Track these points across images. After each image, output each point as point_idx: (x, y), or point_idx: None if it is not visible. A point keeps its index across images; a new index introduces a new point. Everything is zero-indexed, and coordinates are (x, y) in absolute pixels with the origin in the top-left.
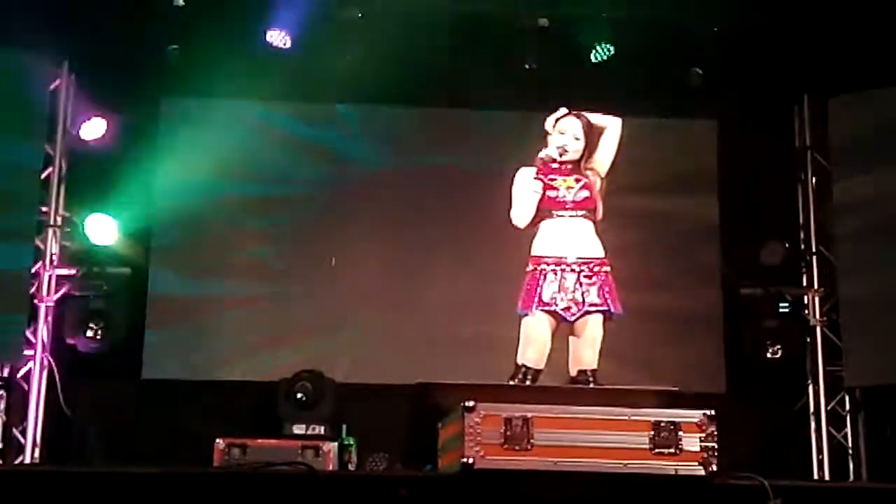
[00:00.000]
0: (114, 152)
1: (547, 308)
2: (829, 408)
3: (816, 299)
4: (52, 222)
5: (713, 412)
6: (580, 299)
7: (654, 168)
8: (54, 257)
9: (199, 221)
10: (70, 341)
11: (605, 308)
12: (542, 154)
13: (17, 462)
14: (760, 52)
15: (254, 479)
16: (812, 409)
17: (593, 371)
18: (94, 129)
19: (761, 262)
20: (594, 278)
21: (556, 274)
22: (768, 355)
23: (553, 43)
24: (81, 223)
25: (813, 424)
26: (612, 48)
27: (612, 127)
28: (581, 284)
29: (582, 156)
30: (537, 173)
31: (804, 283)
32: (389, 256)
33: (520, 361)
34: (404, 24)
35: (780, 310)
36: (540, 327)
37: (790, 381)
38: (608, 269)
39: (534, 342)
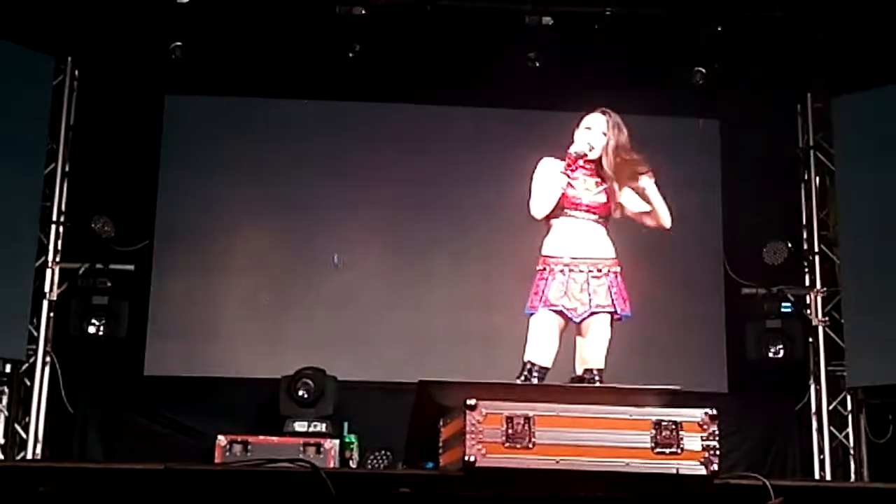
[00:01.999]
0: (117, 148)
1: (553, 308)
2: (830, 407)
3: (819, 299)
4: (55, 218)
5: (715, 411)
6: (587, 300)
7: (656, 167)
8: (58, 253)
9: (203, 218)
10: (72, 337)
11: (612, 309)
12: (571, 150)
13: (19, 457)
14: (763, 51)
15: (255, 476)
16: (814, 408)
17: (599, 371)
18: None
19: (764, 261)
20: (602, 279)
21: (563, 274)
22: (770, 355)
23: (557, 40)
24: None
25: (814, 424)
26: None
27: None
28: (588, 285)
29: (605, 152)
30: (565, 168)
31: (807, 283)
32: (391, 254)
33: (526, 359)
34: (407, 21)
35: (783, 309)
36: (546, 325)
37: (792, 381)
38: (618, 269)
39: (540, 340)
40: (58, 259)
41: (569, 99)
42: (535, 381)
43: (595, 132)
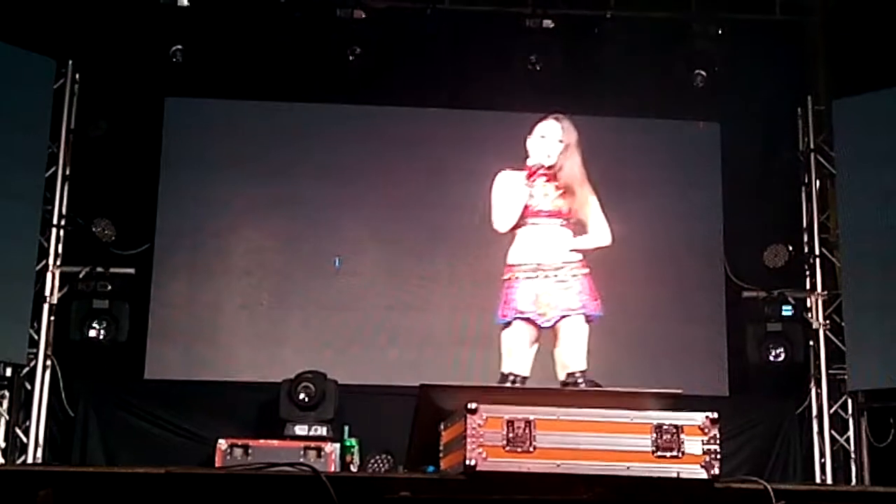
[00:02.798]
0: (117, 151)
1: (521, 316)
2: (831, 411)
3: (819, 302)
4: (55, 221)
5: (716, 415)
6: (555, 305)
7: (657, 170)
8: (58, 256)
9: (203, 221)
10: (73, 340)
11: (583, 311)
12: (529, 163)
13: (19, 461)
14: (763, 54)
15: (256, 480)
16: (815, 412)
17: (582, 372)
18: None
19: (765, 264)
20: (570, 282)
21: (530, 281)
22: (771, 358)
23: (558, 43)
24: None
25: (815, 427)
26: None
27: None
28: (556, 289)
29: (562, 163)
30: (526, 179)
31: (807, 286)
32: (392, 256)
33: (505, 371)
34: (407, 24)
35: (783, 313)
36: (518, 335)
37: (793, 384)
38: (586, 271)
39: (515, 350)
40: (58, 262)
41: (569, 102)
42: None
43: (550, 140)
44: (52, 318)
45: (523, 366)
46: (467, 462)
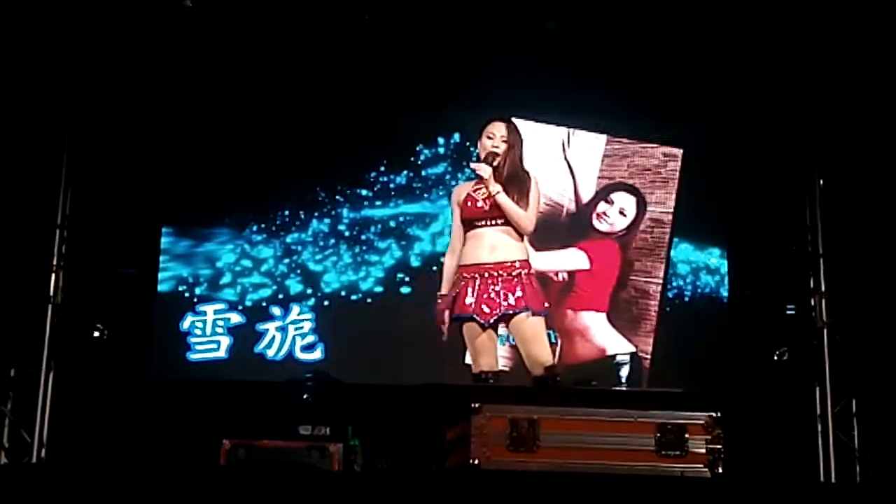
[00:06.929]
0: (121, 152)
1: (464, 316)
2: (836, 410)
3: (823, 301)
4: (59, 222)
5: (719, 414)
6: (496, 304)
7: (660, 168)
8: (62, 257)
9: (208, 222)
10: (77, 341)
11: (525, 310)
12: (473, 166)
13: (23, 461)
14: (768, 51)
15: (260, 479)
16: (819, 411)
17: (551, 367)
18: None
19: (768, 262)
20: (515, 281)
21: (475, 281)
22: (775, 357)
23: (561, 45)
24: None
25: (820, 427)
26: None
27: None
28: (499, 288)
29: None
30: (474, 186)
31: (811, 285)
32: (398, 255)
33: (477, 370)
34: (414, 27)
35: (787, 312)
36: (473, 334)
37: (797, 384)
38: (528, 270)
39: (480, 349)
40: (62, 263)
41: (574, 104)
42: None
43: (496, 140)
44: (57, 318)
45: (492, 362)
46: (471, 461)
